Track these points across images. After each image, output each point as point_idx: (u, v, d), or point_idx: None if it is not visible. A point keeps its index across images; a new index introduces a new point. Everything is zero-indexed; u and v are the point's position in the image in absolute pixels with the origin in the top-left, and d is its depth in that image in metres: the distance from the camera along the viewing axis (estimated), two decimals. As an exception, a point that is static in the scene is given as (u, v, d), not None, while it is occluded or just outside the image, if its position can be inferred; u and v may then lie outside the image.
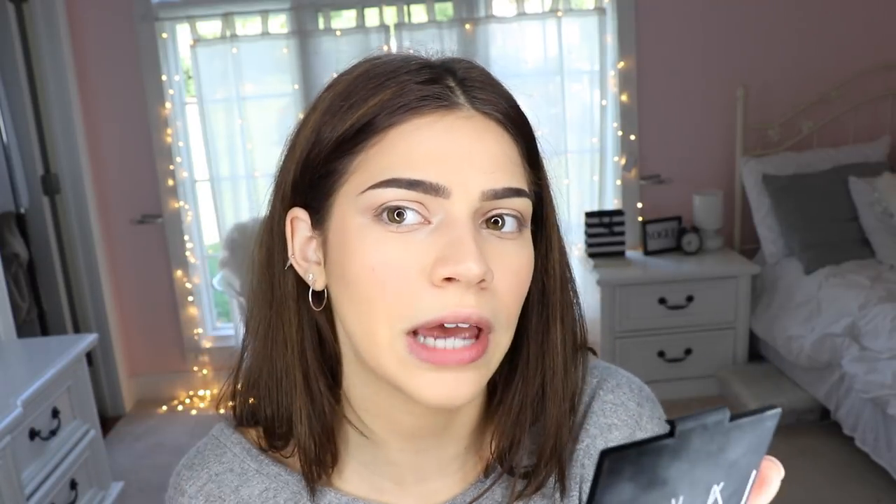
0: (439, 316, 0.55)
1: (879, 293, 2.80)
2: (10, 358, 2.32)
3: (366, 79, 0.59)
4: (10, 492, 1.87)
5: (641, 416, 0.70)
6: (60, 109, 3.37)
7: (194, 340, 3.73)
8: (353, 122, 0.57)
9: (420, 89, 0.57)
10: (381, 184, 0.56)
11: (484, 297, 0.55)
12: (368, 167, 0.57)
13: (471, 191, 0.56)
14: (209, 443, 0.71)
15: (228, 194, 3.58)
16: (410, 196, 0.55)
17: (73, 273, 3.51)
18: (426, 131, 0.56)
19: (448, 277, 0.54)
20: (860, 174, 3.23)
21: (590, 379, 0.71)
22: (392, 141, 0.56)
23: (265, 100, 3.52)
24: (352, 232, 0.57)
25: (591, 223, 3.39)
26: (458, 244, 0.54)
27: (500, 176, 0.57)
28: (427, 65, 0.59)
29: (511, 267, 0.57)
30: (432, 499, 0.68)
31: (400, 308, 0.55)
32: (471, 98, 0.58)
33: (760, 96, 3.49)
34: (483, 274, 0.54)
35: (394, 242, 0.55)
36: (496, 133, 0.58)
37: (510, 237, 0.58)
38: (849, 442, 2.79)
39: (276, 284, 0.64)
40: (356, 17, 3.46)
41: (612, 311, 3.27)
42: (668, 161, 3.60)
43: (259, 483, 0.68)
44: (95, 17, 3.42)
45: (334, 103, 0.59)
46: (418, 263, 0.55)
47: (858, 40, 3.49)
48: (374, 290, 0.56)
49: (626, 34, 3.46)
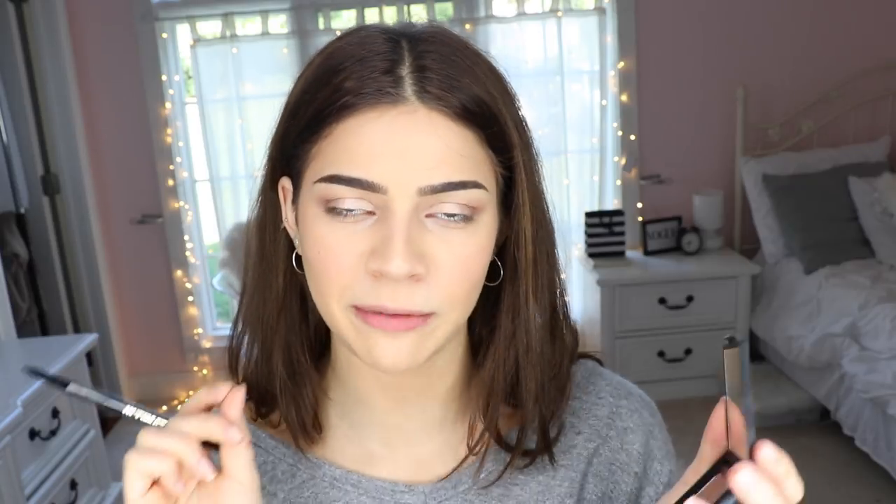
0: (376, 305, 0.58)
1: (879, 293, 2.80)
2: (10, 358, 2.32)
3: (329, 63, 0.60)
4: (10, 492, 1.88)
5: (654, 425, 0.73)
6: (60, 109, 3.37)
7: (194, 340, 3.73)
8: (313, 113, 0.59)
9: (369, 83, 0.57)
10: (326, 178, 0.58)
11: (419, 289, 0.58)
12: (321, 158, 0.59)
13: (407, 188, 0.57)
14: None
15: (228, 194, 3.58)
16: (351, 192, 0.57)
17: (73, 273, 3.51)
18: (368, 127, 0.57)
19: (377, 272, 0.57)
20: (860, 174, 3.23)
21: (600, 381, 0.73)
22: (339, 136, 0.58)
23: (265, 100, 3.52)
24: (309, 217, 0.60)
25: (591, 223, 3.39)
26: (389, 241, 0.56)
27: (439, 171, 0.57)
28: (386, 50, 0.59)
29: (456, 255, 0.59)
30: (424, 467, 0.69)
31: (343, 290, 0.59)
32: (419, 90, 0.57)
33: (760, 96, 3.49)
34: (410, 271, 0.56)
35: (340, 230, 0.58)
36: (441, 127, 0.57)
37: (457, 226, 0.59)
38: (849, 442, 2.79)
39: (268, 244, 0.66)
40: (356, 17, 3.46)
41: (612, 311, 3.27)
42: (668, 161, 3.60)
43: (259, 455, 0.69)
44: (95, 17, 3.42)
45: (306, 85, 0.61)
46: (357, 251, 0.58)
47: (858, 40, 3.49)
48: (321, 271, 0.59)
49: (626, 34, 3.46)
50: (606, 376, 0.74)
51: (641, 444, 0.71)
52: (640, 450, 0.71)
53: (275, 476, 0.69)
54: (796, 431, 3.01)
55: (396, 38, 0.59)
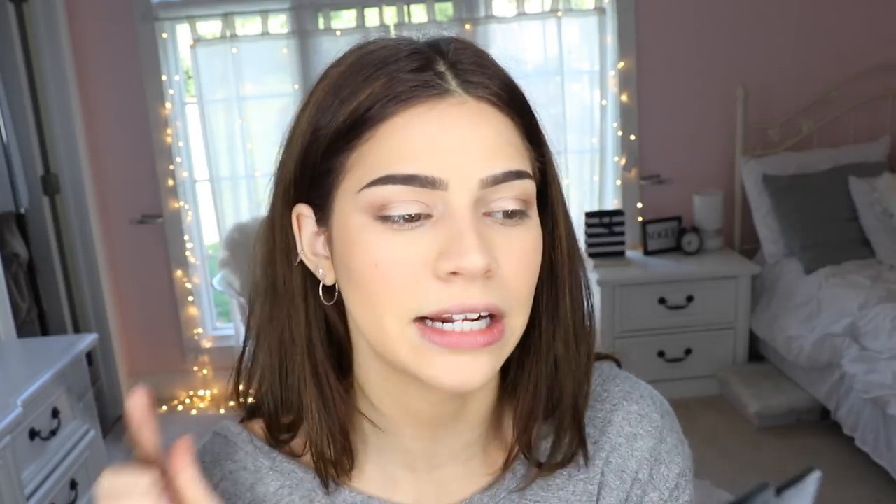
0: (444, 307, 0.55)
1: (879, 293, 2.80)
2: (10, 358, 2.32)
3: (355, 70, 0.57)
4: (10, 492, 1.87)
5: (664, 428, 0.70)
6: (60, 109, 3.37)
7: (194, 340, 3.73)
8: (346, 118, 0.56)
9: (410, 79, 0.55)
10: (378, 181, 0.55)
11: (491, 285, 0.55)
12: (364, 163, 0.56)
13: (469, 180, 0.55)
14: (217, 441, 0.70)
15: (228, 194, 3.58)
16: (407, 192, 0.54)
17: (73, 273, 3.51)
18: (418, 123, 0.55)
19: (453, 272, 0.54)
20: (860, 174, 3.23)
21: (612, 387, 0.71)
22: (385, 135, 0.55)
23: (265, 100, 3.52)
24: (354, 230, 0.57)
25: (591, 223, 3.39)
26: (459, 237, 0.54)
27: (498, 161, 0.56)
28: (416, 50, 0.57)
29: (518, 251, 0.57)
30: (448, 487, 0.67)
31: (405, 301, 0.55)
32: (463, 82, 0.56)
33: (760, 96, 3.49)
34: (487, 265, 0.53)
35: (396, 239, 0.55)
36: (491, 116, 0.57)
37: (515, 222, 0.57)
38: (849, 442, 2.79)
39: (282, 281, 0.63)
40: (356, 17, 3.46)
41: (612, 311, 3.27)
42: (668, 161, 3.60)
43: (274, 480, 0.67)
44: (95, 17, 3.42)
45: (327, 97, 0.58)
46: (421, 258, 0.55)
47: (858, 40, 3.49)
48: (378, 286, 0.55)
49: (626, 34, 3.46)
50: (620, 380, 0.72)
51: (649, 449, 0.68)
52: (647, 455, 0.68)
53: (291, 502, 0.66)
54: (796, 431, 3.01)
55: (418, 45, 0.58)
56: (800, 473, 0.36)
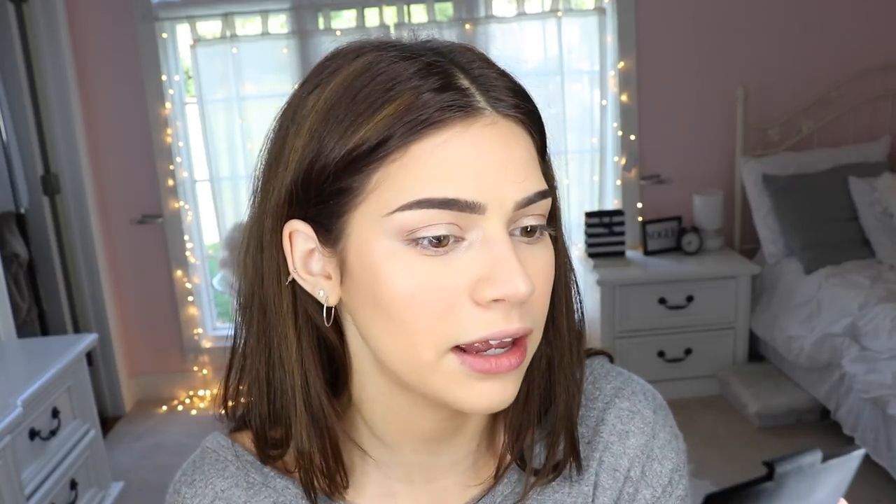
0: (484, 335, 0.53)
1: (879, 293, 2.80)
2: (10, 358, 2.32)
3: (367, 82, 0.54)
4: (10, 492, 1.87)
5: (656, 423, 0.69)
6: (60, 109, 3.37)
7: (194, 340, 3.73)
8: (367, 137, 0.53)
9: (437, 100, 0.53)
10: (412, 205, 0.52)
11: (525, 309, 0.55)
12: (391, 186, 0.53)
13: (505, 204, 0.53)
14: (206, 457, 0.68)
15: (228, 194, 3.58)
16: (444, 216, 0.52)
17: (73, 273, 3.51)
18: (454, 144, 0.53)
19: (497, 299, 0.53)
20: (860, 174, 3.23)
21: (604, 384, 0.70)
22: (416, 156, 0.52)
23: (265, 100, 3.52)
24: (380, 256, 0.54)
25: (591, 223, 3.39)
26: (503, 264, 0.52)
27: (530, 182, 0.55)
28: (432, 63, 0.54)
29: (542, 271, 0.56)
30: (445, 498, 0.67)
31: (444, 329, 0.54)
32: (491, 100, 0.55)
33: (760, 96, 3.49)
34: (531, 292, 0.53)
35: (431, 266, 0.53)
36: (520, 136, 0.56)
37: (535, 239, 0.56)
38: (849, 442, 2.79)
39: (272, 300, 0.60)
40: (356, 17, 3.46)
41: (612, 311, 3.27)
42: (668, 161, 3.60)
43: (267, 497, 0.65)
44: (95, 17, 3.42)
45: (335, 110, 0.54)
46: (459, 285, 0.53)
47: (858, 40, 3.49)
48: (413, 315, 0.53)
49: (626, 34, 3.46)
50: (612, 377, 0.71)
51: (641, 447, 0.68)
52: (639, 452, 0.68)
53: None
54: (796, 431, 3.01)
55: (428, 56, 0.55)
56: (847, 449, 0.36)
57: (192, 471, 0.68)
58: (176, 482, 0.68)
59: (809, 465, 0.35)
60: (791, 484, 0.35)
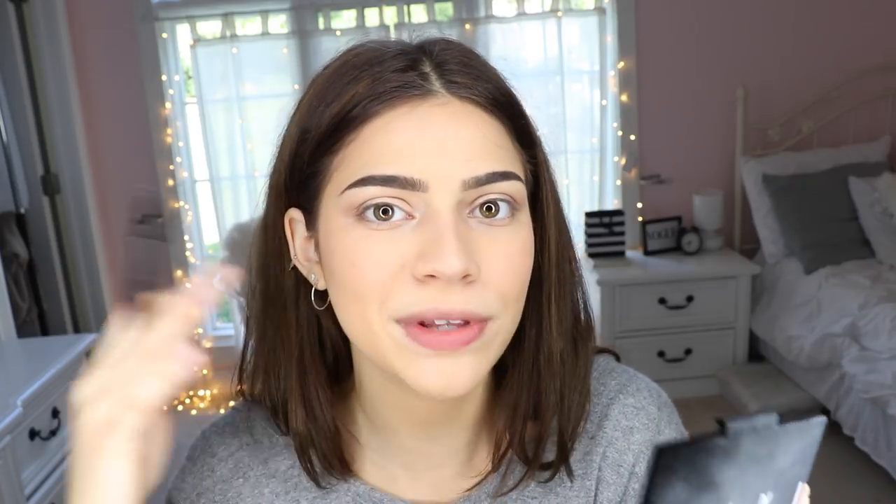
0: (420, 310, 0.54)
1: (879, 293, 2.80)
2: (10, 358, 2.32)
3: (341, 73, 0.57)
4: (10, 492, 1.87)
5: (661, 420, 0.69)
6: (60, 109, 3.37)
7: (194, 341, 3.72)
8: (330, 120, 0.56)
9: (393, 79, 0.55)
10: (358, 182, 0.54)
11: (471, 290, 0.54)
12: (347, 166, 0.55)
13: (449, 182, 0.54)
14: (236, 415, 0.71)
15: (228, 194, 3.58)
16: (388, 192, 0.54)
17: (73, 273, 3.51)
18: (400, 123, 0.54)
19: (429, 274, 0.53)
20: (860, 174, 3.23)
21: (609, 381, 0.70)
22: (367, 137, 0.55)
23: (265, 100, 3.52)
24: (336, 232, 0.56)
25: (591, 223, 3.39)
26: (438, 240, 0.53)
27: (482, 162, 0.55)
28: (402, 51, 0.57)
29: (504, 254, 0.56)
30: (445, 486, 0.67)
31: (383, 301, 0.55)
32: (447, 83, 0.56)
33: (760, 96, 3.49)
34: (465, 269, 0.52)
35: (376, 239, 0.54)
36: (476, 117, 0.56)
37: (502, 223, 0.56)
38: (849, 442, 2.79)
39: (275, 287, 0.63)
40: (356, 17, 3.46)
41: (612, 311, 3.27)
42: (668, 161, 3.60)
43: (287, 458, 0.68)
44: (95, 18, 3.42)
45: (313, 101, 0.58)
46: (400, 258, 0.54)
47: (858, 40, 3.49)
48: (359, 285, 0.55)
49: (626, 34, 3.46)
50: (616, 374, 0.71)
51: (646, 443, 0.68)
52: (643, 448, 0.68)
53: (299, 483, 0.67)
54: (796, 431, 3.01)
55: (406, 46, 0.58)
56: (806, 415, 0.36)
57: (224, 424, 0.71)
58: (207, 430, 0.71)
59: (764, 426, 0.35)
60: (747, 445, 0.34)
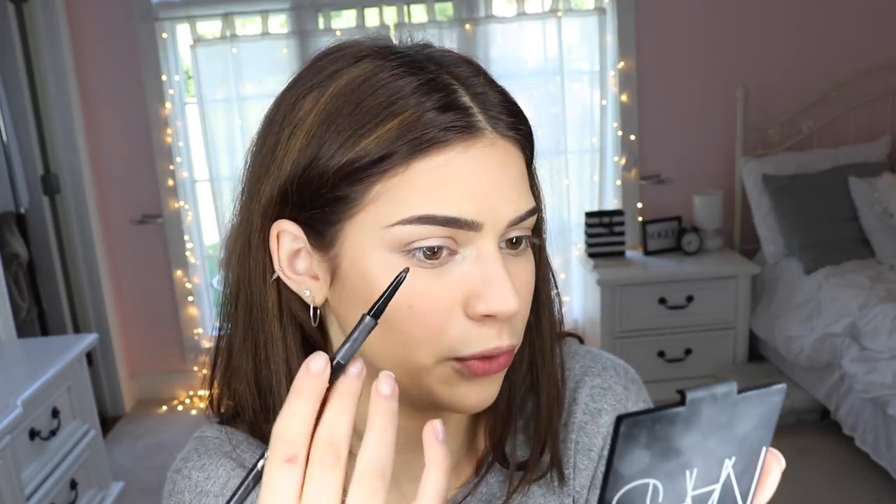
0: (481, 350, 0.56)
1: (879, 293, 2.80)
2: (10, 358, 2.32)
3: (369, 93, 0.54)
4: (10, 492, 1.87)
5: (628, 399, 0.70)
6: (60, 109, 3.37)
7: (194, 340, 3.73)
8: (369, 150, 0.53)
9: (440, 119, 0.54)
10: (413, 220, 0.54)
11: (512, 324, 0.57)
12: (391, 199, 0.54)
13: (500, 222, 0.55)
14: (209, 443, 0.68)
15: (228, 194, 3.58)
16: (444, 233, 0.54)
17: (73, 273, 3.51)
18: (457, 163, 0.54)
19: (488, 314, 0.55)
20: (860, 174, 3.23)
21: (573, 364, 0.71)
22: (418, 173, 0.54)
23: (265, 100, 3.46)
24: (376, 265, 0.55)
25: (591, 223, 3.39)
26: (495, 281, 0.54)
27: (522, 201, 0.57)
28: (434, 79, 0.55)
29: (526, 283, 0.58)
30: None
31: (441, 340, 0.56)
32: (491, 120, 0.56)
33: (760, 96, 3.49)
34: (520, 308, 0.55)
35: (426, 278, 0.55)
36: (514, 156, 0.57)
37: (519, 252, 0.58)
38: (849, 442, 2.79)
39: (258, 298, 0.61)
40: (356, 17, 3.46)
41: (612, 311, 3.27)
42: (668, 161, 3.60)
43: None
44: (95, 17, 3.42)
45: (335, 118, 0.55)
46: (453, 298, 0.55)
47: (858, 40, 3.49)
48: (412, 325, 0.55)
49: (626, 34, 3.46)
50: (580, 356, 0.72)
51: (612, 424, 0.68)
52: (611, 431, 0.67)
53: None
54: (796, 431, 3.01)
55: (422, 64, 0.56)
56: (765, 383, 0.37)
57: (198, 456, 0.68)
58: (180, 469, 0.68)
59: (724, 394, 0.36)
60: (707, 412, 0.35)
